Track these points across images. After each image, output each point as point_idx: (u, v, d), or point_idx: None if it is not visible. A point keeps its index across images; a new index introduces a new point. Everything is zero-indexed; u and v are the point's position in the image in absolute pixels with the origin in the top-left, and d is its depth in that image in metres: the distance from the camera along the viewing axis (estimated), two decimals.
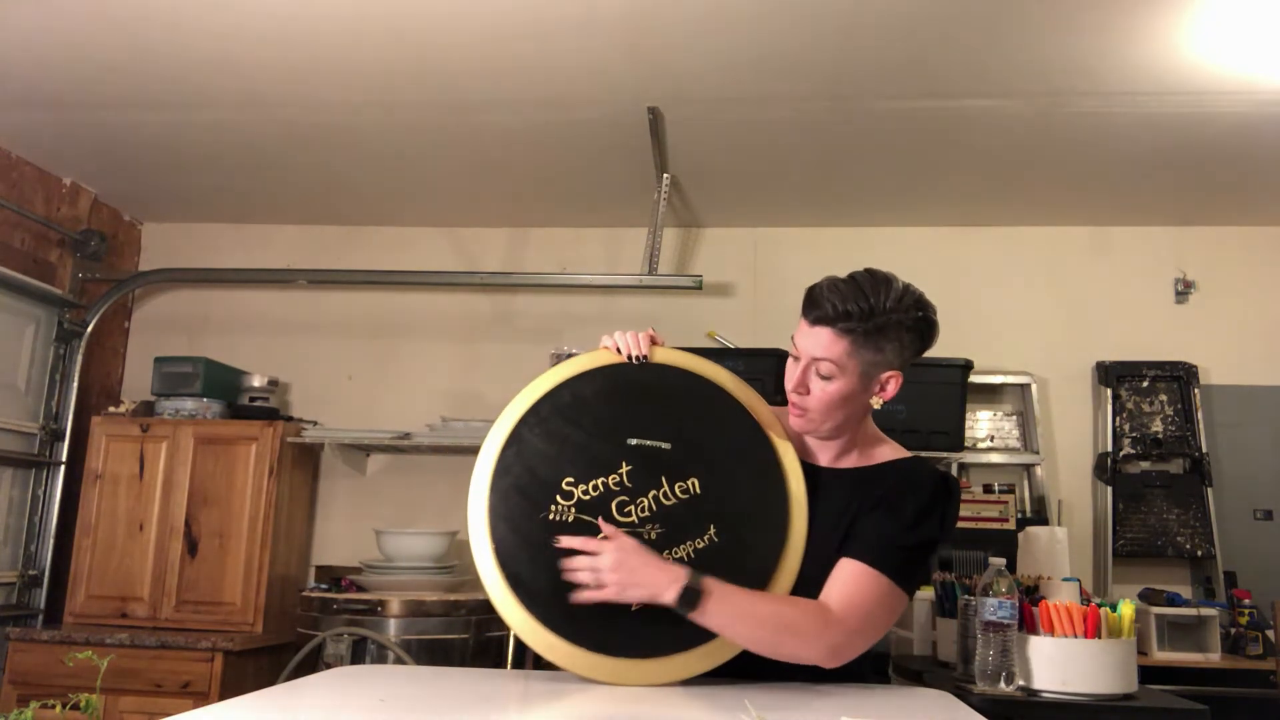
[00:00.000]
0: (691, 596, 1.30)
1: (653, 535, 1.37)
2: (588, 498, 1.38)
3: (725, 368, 1.50)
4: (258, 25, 2.55)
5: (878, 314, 1.38)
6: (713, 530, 1.38)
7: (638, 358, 1.47)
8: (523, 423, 1.44)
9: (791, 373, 1.45)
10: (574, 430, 1.42)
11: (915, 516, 1.40)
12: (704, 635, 1.33)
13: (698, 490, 1.39)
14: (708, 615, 1.31)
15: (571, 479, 1.39)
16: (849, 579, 1.36)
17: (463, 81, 2.81)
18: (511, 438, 1.43)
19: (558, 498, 1.38)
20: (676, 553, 1.37)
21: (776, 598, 1.36)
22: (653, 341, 1.50)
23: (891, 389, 1.44)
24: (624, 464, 1.39)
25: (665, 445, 1.41)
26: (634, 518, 1.38)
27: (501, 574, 1.36)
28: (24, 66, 2.81)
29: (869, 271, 1.43)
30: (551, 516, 1.37)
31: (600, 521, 1.37)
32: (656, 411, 1.44)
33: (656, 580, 1.31)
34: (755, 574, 1.36)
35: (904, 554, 1.39)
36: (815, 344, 1.40)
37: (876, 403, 1.46)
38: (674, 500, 1.39)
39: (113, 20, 2.54)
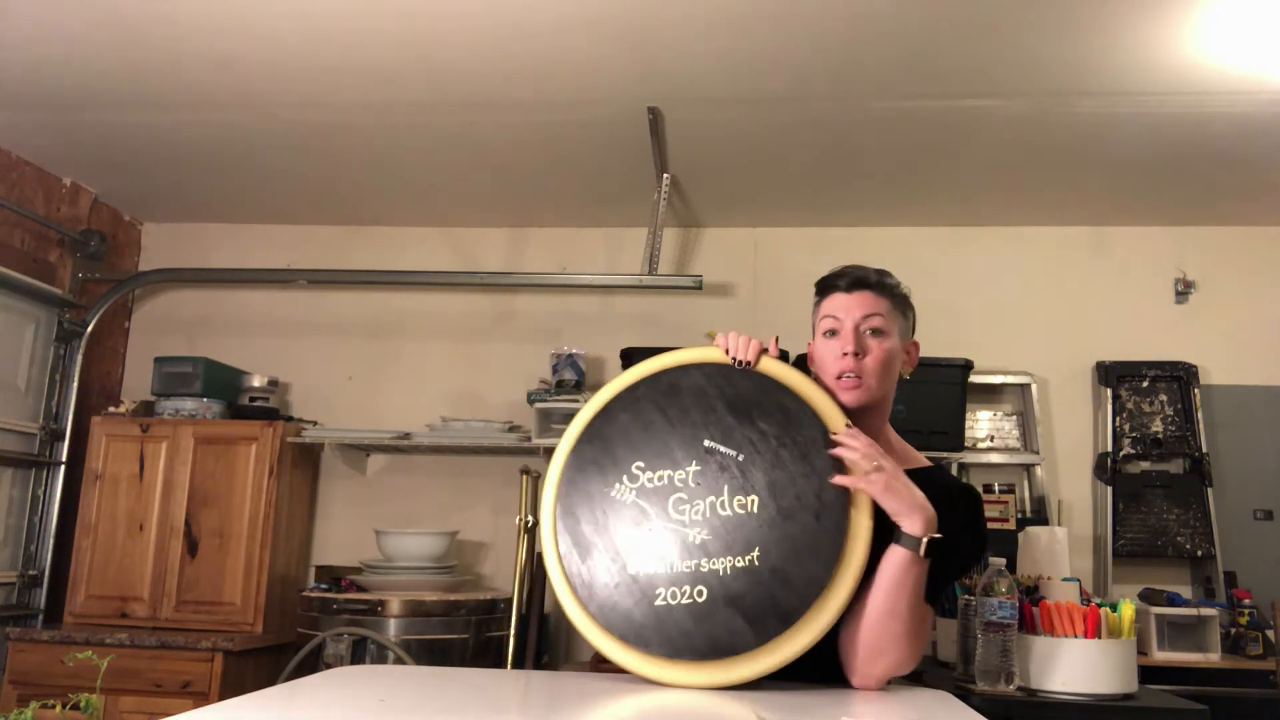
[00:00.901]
0: (934, 544, 1.31)
1: (698, 540, 1.37)
2: (650, 485, 1.41)
3: (835, 401, 1.44)
4: (258, 25, 2.55)
5: (895, 285, 1.52)
6: (756, 553, 1.35)
7: (742, 362, 1.46)
8: (618, 399, 1.48)
9: (832, 349, 1.47)
10: (659, 417, 1.45)
11: (954, 543, 1.39)
12: (720, 653, 1.31)
13: (754, 509, 1.37)
14: (912, 571, 1.32)
15: (642, 463, 1.42)
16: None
17: (462, 81, 2.81)
18: (604, 410, 1.48)
19: (625, 478, 1.42)
20: (714, 564, 1.36)
21: (924, 604, 1.38)
22: (765, 351, 1.48)
23: (914, 356, 1.54)
24: (694, 463, 1.41)
25: (739, 455, 1.40)
26: (685, 518, 1.39)
27: (556, 539, 1.42)
28: (24, 66, 2.81)
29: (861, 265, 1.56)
30: (615, 494, 1.42)
31: (852, 430, 1.37)
32: (741, 420, 1.42)
33: (915, 502, 1.32)
34: (782, 612, 1.32)
35: (945, 582, 1.44)
36: (860, 305, 1.47)
37: (907, 373, 1.52)
38: (729, 513, 1.37)
39: (113, 20, 2.54)
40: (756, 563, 1.35)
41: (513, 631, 3.13)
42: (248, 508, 3.41)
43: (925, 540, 1.30)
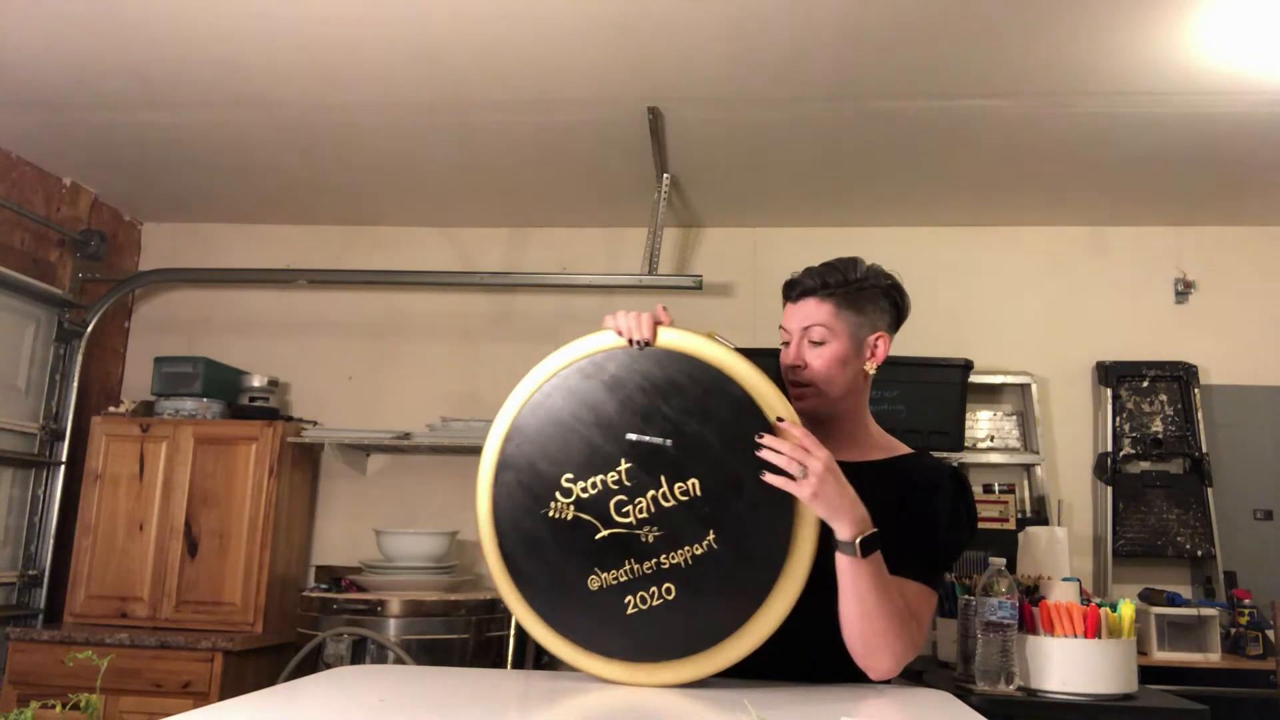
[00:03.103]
0: (870, 542, 1.28)
1: (651, 539, 1.31)
2: (586, 495, 1.32)
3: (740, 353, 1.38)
4: (258, 25, 2.55)
5: (851, 281, 1.49)
6: (712, 536, 1.30)
7: (639, 343, 1.37)
8: (522, 414, 1.36)
9: (784, 357, 1.50)
10: (574, 422, 1.34)
11: (943, 520, 1.42)
12: (704, 643, 1.30)
13: (698, 492, 1.31)
14: (862, 571, 1.29)
15: (571, 475, 1.33)
16: (910, 599, 1.39)
17: (463, 81, 2.81)
18: (512, 431, 1.36)
19: (557, 494, 1.33)
20: (674, 558, 1.31)
21: (897, 594, 1.36)
22: (659, 323, 1.40)
23: (881, 351, 1.50)
24: (623, 461, 1.32)
25: (666, 442, 1.32)
26: (632, 519, 1.32)
27: (505, 568, 1.35)
28: (24, 66, 2.81)
29: (836, 258, 1.54)
30: (551, 514, 1.33)
31: (785, 424, 1.30)
32: (656, 403, 1.33)
33: (843, 505, 1.27)
34: (751, 589, 1.29)
35: (941, 561, 1.44)
36: (802, 315, 1.49)
37: (871, 368, 1.50)
38: (673, 502, 1.31)
39: (113, 20, 2.54)
40: (715, 545, 1.30)
41: (513, 631, 3.13)
42: (248, 508, 3.41)
43: (859, 543, 1.27)
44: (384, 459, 3.87)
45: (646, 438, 1.33)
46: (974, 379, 3.45)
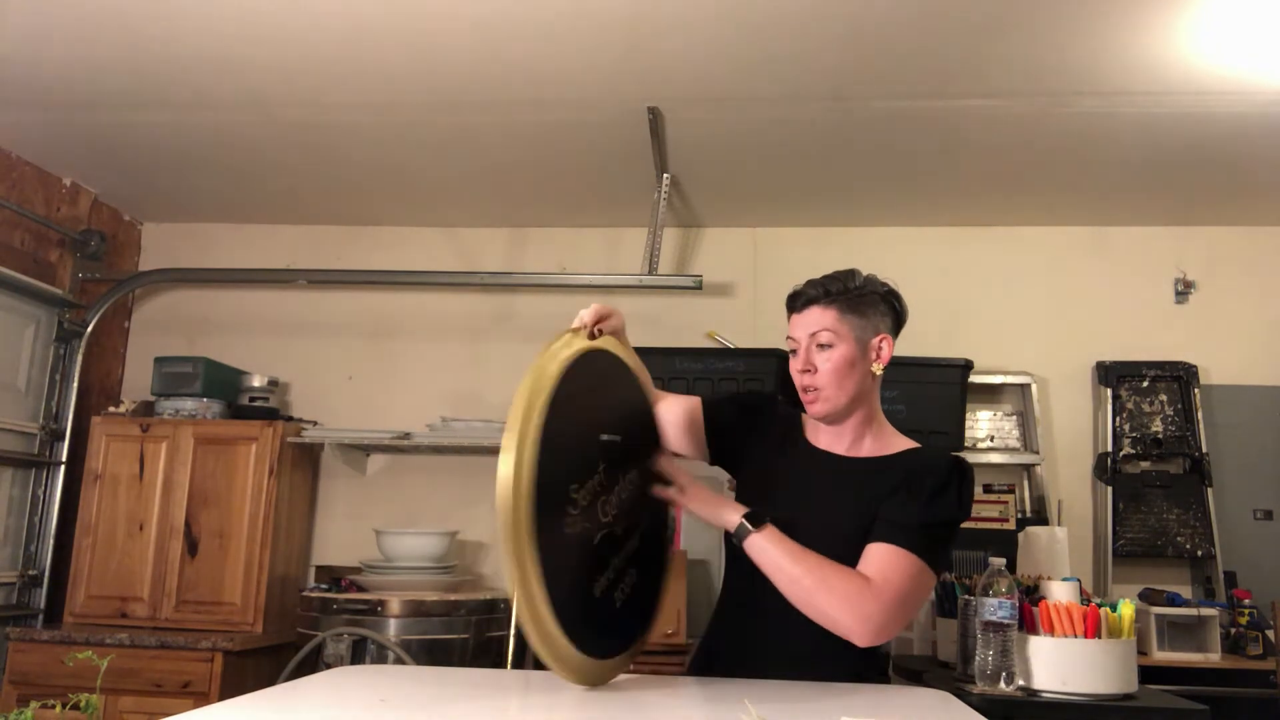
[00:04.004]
0: (756, 519, 1.42)
1: (620, 530, 1.39)
2: (584, 502, 1.31)
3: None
4: (258, 25, 2.55)
5: (851, 288, 1.56)
6: (645, 519, 1.45)
7: (595, 331, 1.52)
8: (543, 439, 1.25)
9: (794, 365, 1.57)
10: (573, 431, 1.31)
11: (933, 495, 1.46)
12: (645, 623, 1.45)
13: (636, 479, 1.44)
14: (756, 549, 1.41)
15: (575, 484, 1.30)
16: (880, 560, 1.42)
17: (463, 81, 2.81)
18: (540, 459, 1.24)
19: (569, 507, 1.28)
20: (630, 544, 1.41)
21: (822, 557, 1.41)
22: (602, 317, 1.54)
23: (886, 352, 1.56)
24: (601, 463, 1.35)
25: (618, 438, 1.42)
26: (609, 515, 1.36)
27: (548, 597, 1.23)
28: (24, 66, 2.81)
29: (834, 271, 1.61)
30: (568, 528, 1.28)
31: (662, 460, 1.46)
32: (608, 402, 1.46)
33: (722, 505, 1.46)
34: (664, 560, 1.53)
35: (927, 531, 1.45)
36: (808, 322, 1.56)
37: (877, 369, 1.56)
38: (627, 492, 1.41)
39: (113, 20, 2.54)
40: (645, 527, 1.45)
41: (513, 631, 3.13)
42: (248, 508, 3.41)
43: (744, 519, 1.42)
44: (384, 459, 3.87)
45: (606, 435, 1.41)
46: (974, 379, 3.45)
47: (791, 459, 1.60)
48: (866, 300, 1.56)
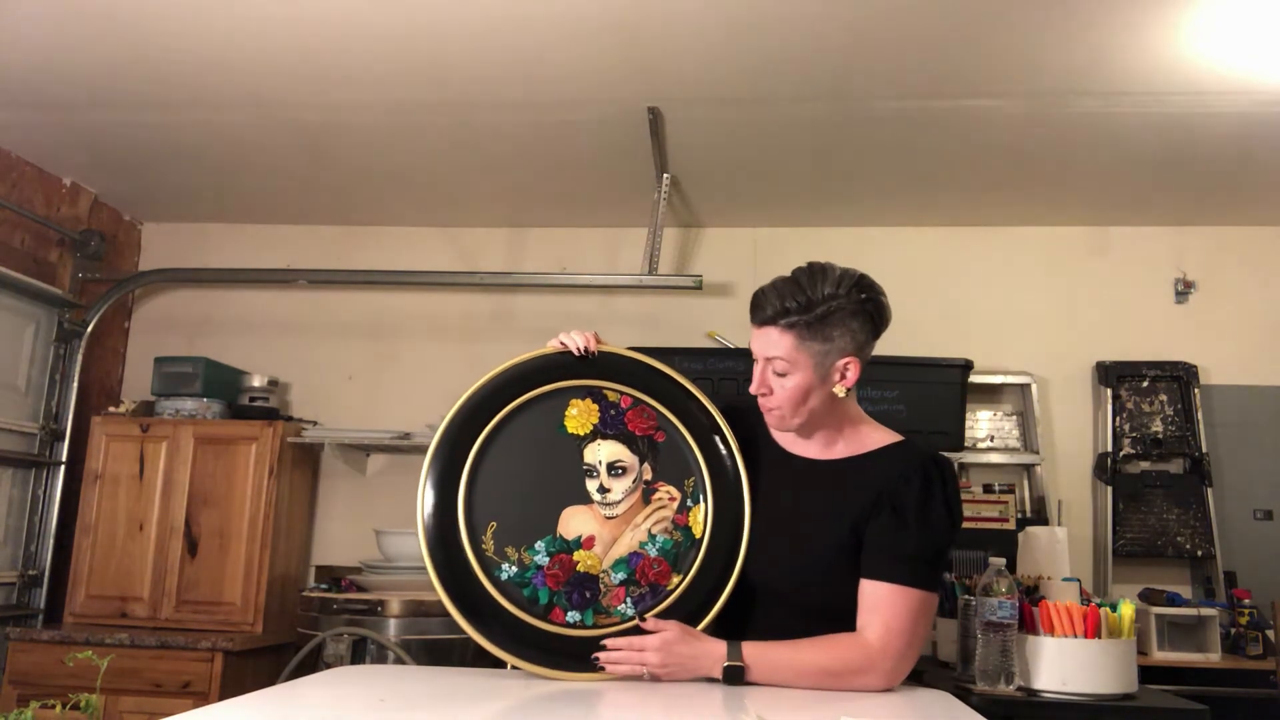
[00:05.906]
0: (735, 673, 1.35)
1: None
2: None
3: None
4: (258, 25, 2.55)
5: (816, 305, 1.41)
6: None
7: (587, 352, 1.57)
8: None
9: (752, 386, 1.49)
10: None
11: (921, 514, 1.40)
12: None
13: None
14: (755, 679, 1.36)
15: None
16: (881, 604, 1.38)
17: (462, 82, 2.81)
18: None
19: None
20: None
21: (816, 644, 1.38)
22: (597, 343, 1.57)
23: (852, 375, 1.46)
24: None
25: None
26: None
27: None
28: (24, 66, 2.81)
29: (809, 265, 1.46)
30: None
31: (643, 620, 1.42)
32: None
33: (700, 665, 1.37)
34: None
35: (924, 560, 1.40)
36: (764, 344, 1.45)
37: (840, 390, 1.46)
38: None
39: (113, 20, 2.54)
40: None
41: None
42: (248, 508, 3.41)
43: (726, 669, 1.36)
44: (384, 459, 3.87)
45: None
46: (974, 379, 3.45)
47: (764, 467, 1.53)
48: (831, 320, 1.42)
